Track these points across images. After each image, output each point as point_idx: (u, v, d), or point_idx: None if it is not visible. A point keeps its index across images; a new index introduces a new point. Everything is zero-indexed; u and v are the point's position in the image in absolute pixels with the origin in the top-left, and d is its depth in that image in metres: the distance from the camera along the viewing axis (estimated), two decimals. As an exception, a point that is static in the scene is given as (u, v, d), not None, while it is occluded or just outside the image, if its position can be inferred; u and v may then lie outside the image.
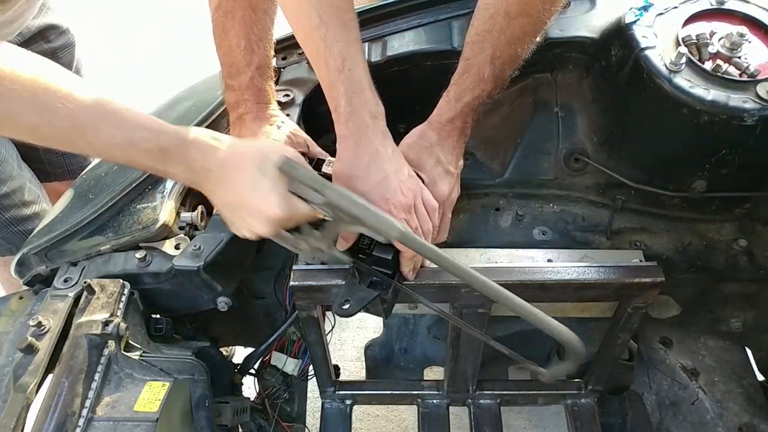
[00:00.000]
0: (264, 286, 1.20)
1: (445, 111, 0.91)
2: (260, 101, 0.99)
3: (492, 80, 0.89)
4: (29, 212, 1.33)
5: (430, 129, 0.92)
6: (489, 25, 0.88)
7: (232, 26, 0.94)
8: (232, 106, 1.00)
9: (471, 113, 0.91)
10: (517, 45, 0.88)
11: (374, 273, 0.86)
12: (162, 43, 3.31)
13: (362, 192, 0.79)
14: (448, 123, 0.91)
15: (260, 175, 0.73)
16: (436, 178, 0.90)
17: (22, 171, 1.32)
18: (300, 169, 0.74)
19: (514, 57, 0.89)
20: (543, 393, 1.27)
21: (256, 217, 0.76)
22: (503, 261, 0.98)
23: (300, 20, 0.80)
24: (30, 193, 1.32)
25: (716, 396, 1.12)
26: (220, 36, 0.96)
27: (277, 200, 0.74)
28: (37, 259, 0.99)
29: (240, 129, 0.99)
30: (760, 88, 0.87)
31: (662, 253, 1.05)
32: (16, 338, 0.88)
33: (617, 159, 1.05)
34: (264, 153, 0.75)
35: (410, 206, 0.82)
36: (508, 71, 0.90)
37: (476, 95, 0.90)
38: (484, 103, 0.91)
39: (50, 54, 1.35)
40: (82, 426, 0.77)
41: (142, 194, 1.00)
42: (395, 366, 1.37)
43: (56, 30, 1.36)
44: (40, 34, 1.32)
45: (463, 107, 0.90)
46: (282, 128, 0.98)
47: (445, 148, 0.91)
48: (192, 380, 0.90)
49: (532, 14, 0.86)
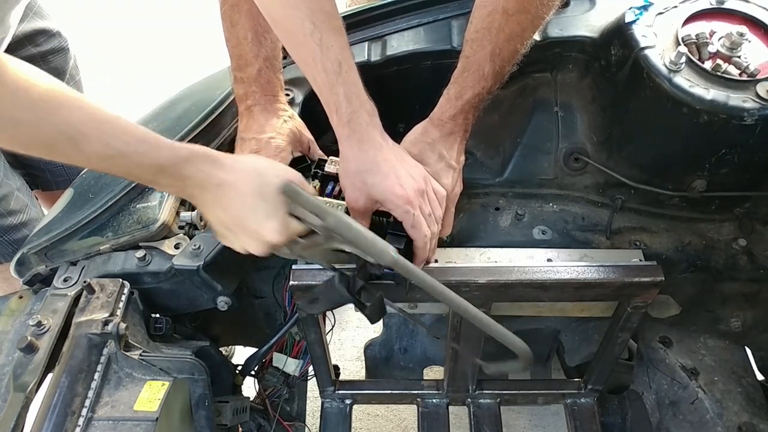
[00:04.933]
0: (264, 285, 1.20)
1: (447, 109, 0.92)
2: (268, 93, 0.99)
3: (492, 77, 0.90)
4: (15, 221, 1.32)
5: (431, 126, 0.93)
6: (487, 23, 0.88)
7: (239, 19, 0.95)
8: (240, 98, 1.00)
9: (472, 110, 0.92)
10: (516, 41, 0.88)
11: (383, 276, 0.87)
12: (162, 43, 3.31)
13: (374, 184, 0.81)
14: (449, 120, 0.92)
15: (260, 199, 0.73)
16: (440, 172, 0.91)
17: (9, 180, 1.31)
18: (303, 195, 0.74)
19: (514, 53, 0.90)
20: (543, 393, 1.27)
21: (252, 238, 0.75)
22: (503, 260, 0.98)
23: (291, 27, 0.81)
24: (17, 202, 1.31)
25: (716, 395, 1.12)
26: (228, 29, 0.97)
27: (276, 226, 0.73)
28: (37, 259, 0.99)
29: (248, 121, 0.99)
30: (760, 88, 0.87)
31: (662, 253, 1.05)
32: (16, 338, 0.88)
33: (617, 158, 1.05)
34: (265, 176, 0.74)
35: (423, 191, 0.83)
36: (507, 67, 0.91)
37: (477, 92, 0.90)
38: (484, 100, 0.92)
39: (39, 58, 1.35)
40: (81, 425, 0.77)
41: (142, 194, 1.00)
42: (395, 365, 1.37)
43: (45, 34, 1.35)
44: (28, 39, 1.32)
45: (464, 105, 0.91)
46: (288, 123, 0.99)
47: (447, 144, 0.92)
48: (192, 379, 0.91)
49: (530, 10, 0.86)
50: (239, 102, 1.01)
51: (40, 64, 1.36)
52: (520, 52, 0.90)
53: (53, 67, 1.39)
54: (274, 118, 0.98)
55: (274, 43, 0.98)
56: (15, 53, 1.30)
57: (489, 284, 0.94)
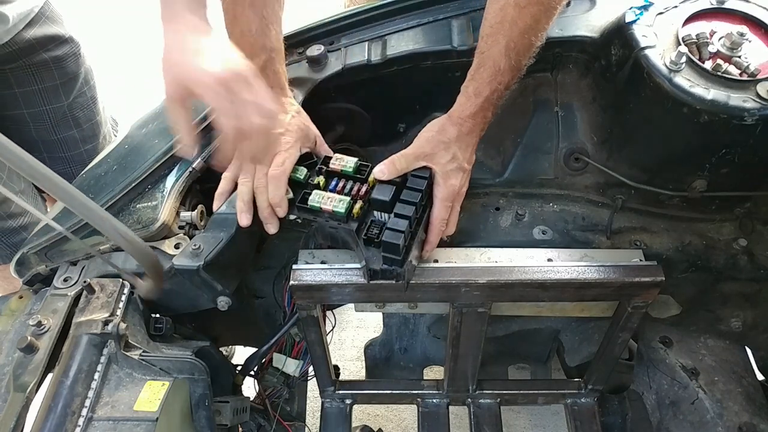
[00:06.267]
0: (264, 285, 1.20)
1: (467, 107, 0.92)
2: (275, 85, 0.98)
3: (509, 72, 0.90)
4: (15, 224, 1.32)
5: (450, 123, 0.93)
6: (500, 17, 0.88)
7: (242, 12, 0.94)
8: None
9: (491, 108, 0.92)
10: (531, 33, 0.88)
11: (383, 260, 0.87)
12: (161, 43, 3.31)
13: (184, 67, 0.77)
14: (469, 118, 0.92)
15: None
16: (450, 173, 0.91)
17: (12, 182, 1.31)
18: None
19: (529, 46, 0.90)
20: (543, 392, 1.27)
21: None
22: (503, 260, 0.98)
23: None
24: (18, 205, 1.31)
25: (716, 395, 1.12)
26: (231, 23, 0.97)
27: None
28: (37, 259, 0.99)
29: None
30: (760, 88, 0.87)
31: (662, 253, 1.05)
32: (16, 338, 0.88)
33: (617, 158, 1.05)
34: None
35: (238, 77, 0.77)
36: (524, 61, 0.91)
37: (494, 88, 0.90)
38: (502, 96, 0.92)
39: (53, 63, 1.36)
40: (81, 425, 0.77)
41: (142, 194, 1.00)
42: (395, 365, 1.37)
43: (57, 39, 1.36)
44: (39, 44, 1.32)
45: (483, 102, 0.91)
46: (296, 119, 0.98)
47: (462, 144, 0.92)
48: (192, 379, 0.90)
49: (542, 1, 0.86)
50: None
51: (52, 69, 1.37)
52: (536, 45, 0.90)
53: (65, 72, 1.39)
54: (282, 113, 0.97)
55: (278, 35, 0.98)
56: (26, 58, 1.31)
57: (489, 284, 0.94)
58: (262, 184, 0.91)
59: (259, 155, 0.87)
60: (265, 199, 0.91)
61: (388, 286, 0.94)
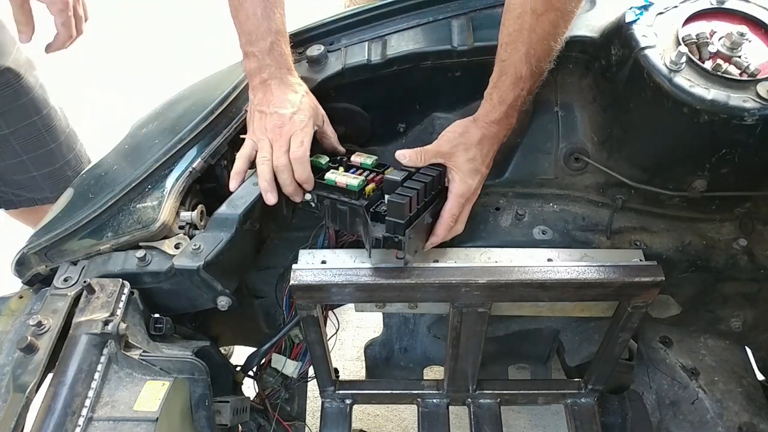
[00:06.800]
0: (264, 285, 1.20)
1: (491, 113, 0.93)
2: (283, 66, 1.00)
3: (530, 78, 0.91)
4: None
5: (475, 127, 0.94)
6: (518, 25, 0.89)
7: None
8: (253, 72, 1.01)
9: (514, 113, 0.95)
10: (549, 39, 0.90)
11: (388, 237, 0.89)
12: (161, 43, 3.31)
13: None
14: (494, 123, 0.94)
15: None
16: (467, 173, 0.93)
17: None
18: None
19: (548, 51, 0.91)
20: (543, 392, 1.27)
21: None
22: (503, 260, 0.98)
23: None
24: None
25: (716, 395, 1.12)
26: (236, 7, 0.99)
27: None
28: (37, 259, 0.99)
29: (264, 94, 1.00)
30: (761, 88, 0.87)
31: (662, 253, 1.05)
32: (15, 337, 0.88)
33: (617, 158, 1.05)
34: None
35: None
36: (544, 65, 0.92)
37: (517, 95, 0.92)
38: (525, 101, 0.94)
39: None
40: (82, 425, 0.77)
41: (142, 193, 1.00)
42: (395, 365, 1.37)
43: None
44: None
45: (507, 109, 0.93)
46: (306, 98, 1.00)
47: (484, 148, 0.94)
48: (192, 379, 0.90)
49: (558, 7, 0.87)
50: (252, 76, 1.01)
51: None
52: (555, 49, 0.92)
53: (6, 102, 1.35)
54: (292, 92, 0.99)
55: (282, 18, 1.00)
56: None
57: (489, 284, 0.94)
58: (282, 163, 0.94)
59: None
60: (288, 176, 0.95)
61: (388, 286, 0.94)
